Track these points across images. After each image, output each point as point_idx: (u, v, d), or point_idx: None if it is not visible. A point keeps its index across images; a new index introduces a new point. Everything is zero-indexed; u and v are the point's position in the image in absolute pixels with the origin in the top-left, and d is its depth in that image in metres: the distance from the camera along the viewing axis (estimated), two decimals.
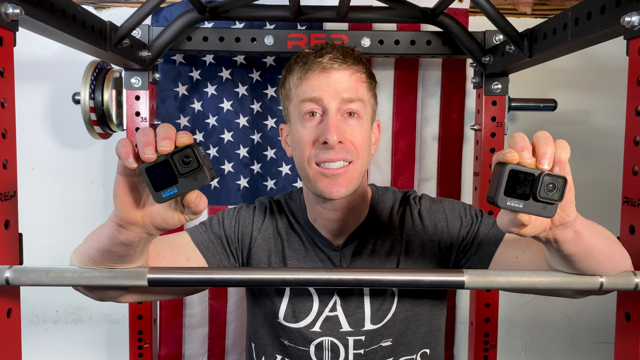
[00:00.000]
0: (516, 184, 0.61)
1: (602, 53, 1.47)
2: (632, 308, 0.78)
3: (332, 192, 0.91)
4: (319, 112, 0.93)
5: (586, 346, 1.74)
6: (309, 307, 1.00)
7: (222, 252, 1.00)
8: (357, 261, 1.00)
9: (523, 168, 0.60)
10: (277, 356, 1.03)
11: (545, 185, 0.60)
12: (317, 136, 0.92)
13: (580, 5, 0.87)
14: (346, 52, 0.94)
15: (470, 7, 1.56)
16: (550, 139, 0.62)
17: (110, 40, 1.08)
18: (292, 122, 0.98)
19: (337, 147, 0.90)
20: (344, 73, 0.93)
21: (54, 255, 1.60)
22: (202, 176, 0.61)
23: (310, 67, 0.93)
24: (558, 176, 0.60)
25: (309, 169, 0.93)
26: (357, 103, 0.93)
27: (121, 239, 0.68)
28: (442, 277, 0.75)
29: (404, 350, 1.00)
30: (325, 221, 1.00)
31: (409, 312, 1.00)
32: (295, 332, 1.00)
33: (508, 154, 0.60)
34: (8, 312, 0.76)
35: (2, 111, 0.75)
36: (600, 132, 1.68)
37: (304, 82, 0.94)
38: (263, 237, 1.03)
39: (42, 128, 1.61)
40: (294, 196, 1.07)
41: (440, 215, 1.01)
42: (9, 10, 0.74)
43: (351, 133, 0.92)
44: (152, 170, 0.60)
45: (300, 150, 0.94)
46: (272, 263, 1.02)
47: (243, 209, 1.06)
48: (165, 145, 0.60)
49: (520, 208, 0.61)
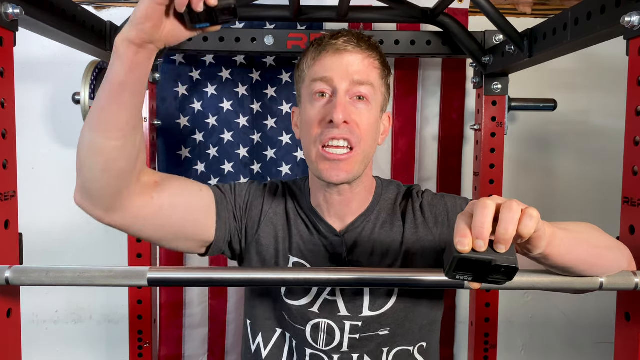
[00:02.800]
0: (466, 265, 0.60)
1: (602, 53, 1.47)
2: (632, 308, 0.78)
3: (332, 176, 0.92)
4: (328, 93, 0.93)
5: (586, 346, 1.74)
6: (309, 287, 1.00)
7: (229, 209, 1.01)
8: (357, 249, 1.00)
9: (474, 257, 0.58)
10: (277, 329, 1.03)
11: (494, 271, 0.59)
12: (324, 115, 0.92)
13: (580, 5, 0.87)
14: (361, 37, 0.96)
15: (470, 7, 1.56)
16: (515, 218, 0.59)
17: (110, 40, 1.08)
18: (303, 103, 0.98)
19: (342, 127, 0.91)
20: (357, 56, 0.94)
21: (54, 255, 1.60)
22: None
23: (324, 48, 0.94)
24: (508, 266, 0.58)
25: (313, 149, 0.93)
26: (367, 87, 0.94)
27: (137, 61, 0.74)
28: (442, 277, 0.75)
29: (400, 341, 1.01)
30: (329, 205, 1.00)
31: (408, 303, 1.00)
32: (294, 310, 1.00)
33: (459, 246, 0.58)
34: (8, 312, 0.76)
35: (2, 111, 0.75)
36: (600, 132, 1.68)
37: (317, 62, 0.95)
38: (275, 212, 1.03)
39: (42, 128, 1.61)
40: (298, 182, 1.08)
41: (442, 209, 1.02)
42: (9, 10, 0.74)
43: (358, 115, 0.93)
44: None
45: (307, 130, 0.95)
46: (279, 239, 1.02)
47: (255, 184, 1.07)
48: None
49: (470, 280, 0.62)
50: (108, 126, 0.77)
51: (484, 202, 0.60)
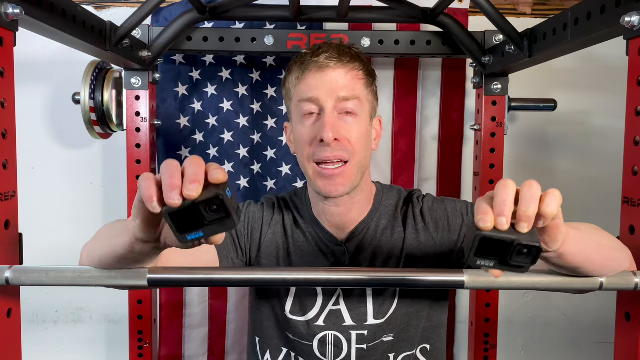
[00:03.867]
0: (488, 248, 0.58)
1: (602, 53, 1.47)
2: (632, 308, 0.78)
3: (331, 191, 0.94)
4: (315, 111, 0.95)
5: (586, 346, 1.74)
6: (313, 302, 1.01)
7: (231, 244, 1.01)
8: (359, 256, 1.00)
9: (496, 235, 0.57)
10: (283, 349, 1.03)
11: (517, 253, 0.57)
12: (315, 134, 0.94)
13: (580, 5, 0.87)
14: (342, 51, 0.96)
15: (470, 7, 1.56)
16: (536, 195, 0.57)
17: (110, 40, 1.08)
18: (293, 120, 1.00)
19: (334, 145, 0.92)
20: (340, 71, 0.95)
21: (54, 255, 1.60)
22: (230, 222, 0.57)
23: (307, 67, 0.95)
24: (532, 246, 0.56)
25: (309, 167, 0.96)
26: (354, 102, 0.95)
27: (138, 249, 0.67)
28: (442, 277, 0.75)
29: (405, 346, 1.01)
30: (328, 216, 1.01)
31: (410, 308, 1.00)
32: (300, 326, 1.01)
33: (482, 223, 0.56)
34: (8, 312, 0.76)
35: (2, 111, 0.75)
36: (600, 132, 1.67)
37: (301, 82, 0.96)
38: (273, 231, 1.05)
39: (42, 128, 1.61)
40: (299, 193, 1.09)
41: (442, 214, 1.02)
42: (9, 10, 0.74)
43: (348, 130, 0.94)
44: (176, 215, 0.55)
45: (301, 149, 0.97)
46: (280, 258, 1.03)
47: (252, 205, 1.08)
48: (193, 191, 0.54)
49: (492, 266, 0.60)
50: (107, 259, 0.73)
51: (505, 182, 0.58)
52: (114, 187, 1.61)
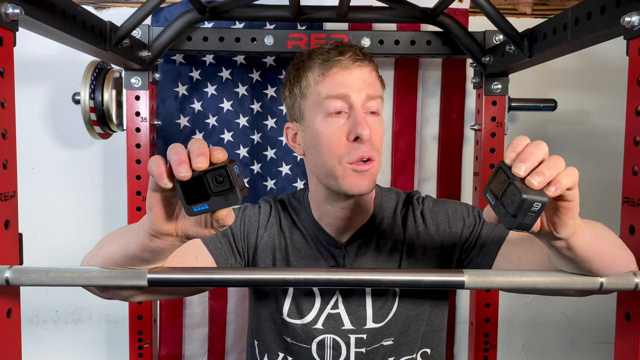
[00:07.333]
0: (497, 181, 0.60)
1: (602, 53, 1.47)
2: (632, 308, 0.78)
3: (361, 186, 0.92)
4: (344, 109, 0.93)
5: (586, 346, 1.74)
6: (311, 304, 1.00)
7: (228, 251, 1.00)
8: (360, 259, 1.00)
9: (508, 171, 0.59)
10: (280, 354, 1.03)
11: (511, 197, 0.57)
12: (347, 132, 0.92)
13: (580, 5, 0.87)
14: (361, 51, 0.97)
15: (470, 7, 1.56)
16: (559, 164, 0.58)
17: (110, 40, 1.08)
18: (309, 120, 0.97)
19: (367, 143, 0.91)
20: (365, 70, 0.95)
21: (54, 255, 1.60)
22: (234, 196, 0.61)
23: (332, 65, 0.94)
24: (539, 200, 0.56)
25: (339, 167, 0.93)
26: (377, 100, 0.96)
27: (153, 247, 0.69)
28: (442, 277, 0.75)
29: (405, 350, 1.01)
30: (332, 219, 1.01)
31: (410, 311, 1.00)
32: (298, 329, 1.00)
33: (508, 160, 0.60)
34: (8, 312, 0.76)
35: (2, 111, 0.75)
36: (600, 132, 1.68)
37: (326, 78, 0.94)
38: (269, 234, 1.04)
39: (42, 128, 1.61)
40: (297, 195, 1.08)
41: (443, 216, 1.01)
42: (9, 10, 0.74)
43: (374, 129, 0.94)
44: (185, 184, 0.60)
45: (328, 149, 0.93)
46: (277, 260, 1.02)
47: (248, 208, 1.07)
48: (201, 162, 0.59)
49: (492, 205, 0.61)
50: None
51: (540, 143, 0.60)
52: (114, 187, 1.61)
